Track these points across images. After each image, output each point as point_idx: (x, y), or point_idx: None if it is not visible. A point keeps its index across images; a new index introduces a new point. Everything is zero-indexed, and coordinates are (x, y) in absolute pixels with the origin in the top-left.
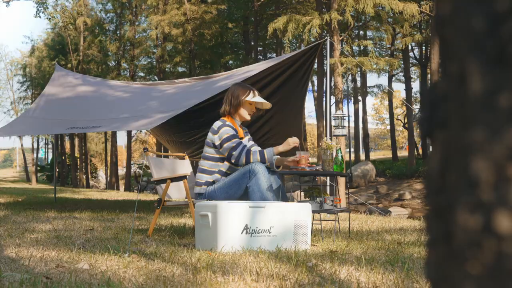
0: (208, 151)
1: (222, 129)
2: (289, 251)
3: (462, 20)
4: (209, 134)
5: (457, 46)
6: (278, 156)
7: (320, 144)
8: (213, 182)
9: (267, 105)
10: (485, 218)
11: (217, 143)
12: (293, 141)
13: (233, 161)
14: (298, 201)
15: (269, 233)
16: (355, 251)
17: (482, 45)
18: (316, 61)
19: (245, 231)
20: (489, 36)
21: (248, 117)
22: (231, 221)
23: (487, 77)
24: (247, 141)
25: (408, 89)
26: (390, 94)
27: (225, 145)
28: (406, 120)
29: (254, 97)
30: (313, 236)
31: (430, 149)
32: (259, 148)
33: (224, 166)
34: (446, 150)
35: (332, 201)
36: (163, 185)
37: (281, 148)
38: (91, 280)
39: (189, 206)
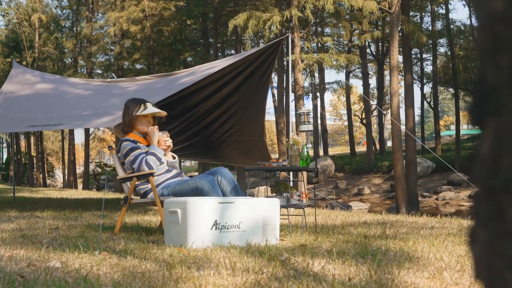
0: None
1: (121, 147)
2: (260, 246)
3: None
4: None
5: (510, 40)
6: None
7: (287, 139)
8: (163, 182)
9: (162, 113)
10: None
11: (122, 160)
12: (152, 130)
13: (138, 173)
14: (266, 196)
15: (239, 228)
16: (324, 244)
17: None
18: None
19: (214, 226)
20: None
21: (146, 129)
22: (201, 217)
23: None
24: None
25: (366, 85)
26: (348, 90)
27: (126, 161)
28: (364, 116)
29: (145, 110)
30: (280, 231)
31: (389, 145)
32: (152, 155)
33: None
34: (500, 136)
35: (299, 196)
36: (129, 183)
37: (152, 142)
38: (66, 277)
39: (156, 203)
